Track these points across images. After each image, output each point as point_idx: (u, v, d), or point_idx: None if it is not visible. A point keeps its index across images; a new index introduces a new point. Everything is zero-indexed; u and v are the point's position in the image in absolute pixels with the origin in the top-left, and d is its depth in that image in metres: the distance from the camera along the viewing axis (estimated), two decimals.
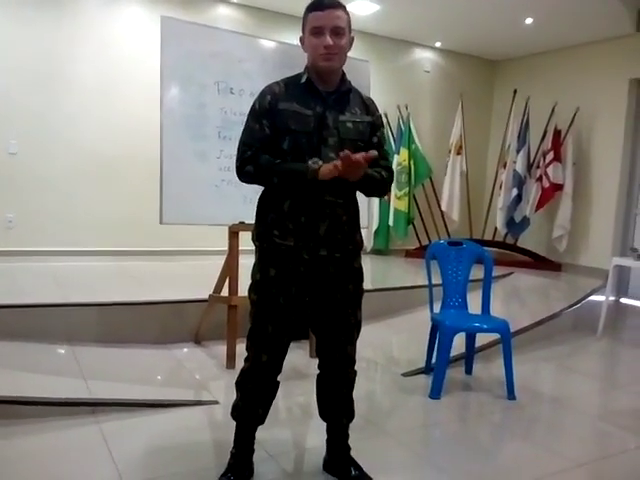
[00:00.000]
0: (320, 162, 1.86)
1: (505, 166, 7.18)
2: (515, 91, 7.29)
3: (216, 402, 2.82)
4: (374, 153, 1.83)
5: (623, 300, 6.34)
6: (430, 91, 7.80)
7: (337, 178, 1.84)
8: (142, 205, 5.28)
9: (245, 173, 1.96)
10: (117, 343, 3.52)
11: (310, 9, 1.92)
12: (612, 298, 4.90)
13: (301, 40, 2.00)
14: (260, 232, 2.00)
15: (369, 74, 4.06)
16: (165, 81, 3.33)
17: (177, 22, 3.47)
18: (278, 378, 2.07)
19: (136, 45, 5.81)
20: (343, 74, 2.01)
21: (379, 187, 2.05)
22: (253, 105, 1.99)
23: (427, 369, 3.45)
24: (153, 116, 3.52)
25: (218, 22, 5.82)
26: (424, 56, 7.75)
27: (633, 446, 2.75)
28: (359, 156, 1.80)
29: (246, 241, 2.39)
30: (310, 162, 1.86)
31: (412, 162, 7.12)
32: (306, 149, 1.90)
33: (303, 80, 1.97)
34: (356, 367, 2.14)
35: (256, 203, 2.05)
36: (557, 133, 6.88)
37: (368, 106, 2.06)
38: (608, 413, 3.22)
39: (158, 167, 3.36)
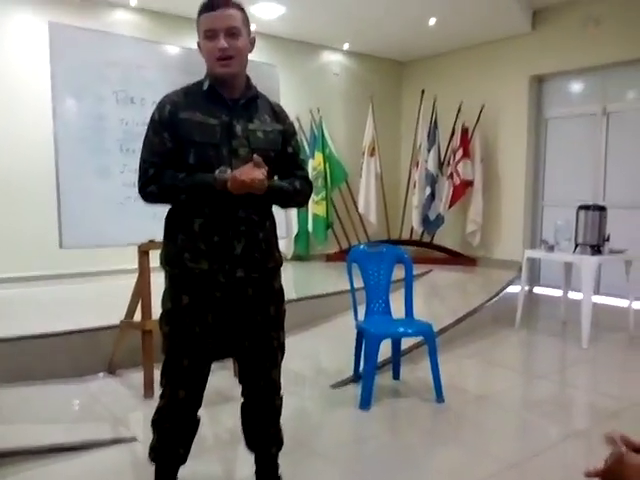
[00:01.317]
0: (228, 170, 1.70)
1: (417, 165, 7.30)
2: (423, 91, 7.42)
3: (134, 439, 2.60)
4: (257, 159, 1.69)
5: (536, 289, 6.60)
6: (340, 94, 7.80)
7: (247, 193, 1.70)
8: (44, 224, 4.85)
9: (149, 194, 1.78)
10: (24, 380, 3.20)
11: (202, 10, 1.76)
12: (526, 288, 5.06)
13: (198, 45, 1.82)
14: (169, 256, 1.82)
15: (278, 79, 3.93)
16: (57, 92, 3.06)
17: (67, 28, 3.19)
18: (199, 412, 1.91)
19: (28, 53, 5.38)
20: (248, 79, 1.86)
21: (293, 198, 1.92)
22: (152, 117, 1.81)
23: (356, 377, 3.38)
24: (46, 130, 3.24)
25: (116, 28, 5.50)
26: (333, 59, 7.74)
27: (555, 436, 2.83)
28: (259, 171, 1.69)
29: (156, 259, 2.21)
30: (217, 172, 1.70)
31: (327, 166, 7.08)
32: (215, 162, 1.73)
33: (205, 87, 1.80)
34: (282, 385, 2.01)
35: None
36: (465, 131, 7.06)
37: (278, 113, 1.92)
38: (531, 404, 3.30)
39: (54, 185, 3.08)
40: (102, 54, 3.21)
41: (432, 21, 6.56)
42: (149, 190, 1.77)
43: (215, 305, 1.80)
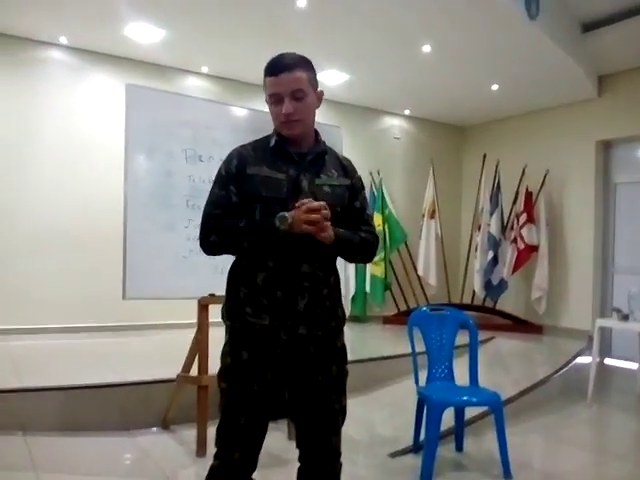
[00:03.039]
0: (286, 214, 1.65)
1: (479, 229, 7.16)
2: (485, 155, 7.38)
3: None
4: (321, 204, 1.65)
5: (607, 361, 6.20)
6: (401, 157, 7.86)
7: (312, 244, 1.67)
8: (104, 278, 5.02)
9: (211, 244, 1.76)
10: (76, 431, 3.22)
11: (266, 73, 1.75)
12: (597, 359, 4.75)
13: (267, 102, 1.81)
14: (231, 309, 1.78)
15: (341, 139, 3.98)
16: (130, 149, 3.19)
17: (142, 89, 3.37)
18: (254, 475, 1.81)
19: (101, 114, 5.71)
20: (317, 134, 1.85)
21: (360, 250, 1.85)
22: (219, 171, 1.81)
23: (415, 447, 3.20)
24: (117, 185, 3.37)
25: (187, 92, 5.78)
26: (394, 123, 7.85)
27: None
28: (319, 203, 1.64)
29: (217, 313, 2.19)
30: (277, 219, 1.65)
31: (386, 227, 7.06)
32: None
33: (272, 143, 1.80)
34: (342, 461, 1.88)
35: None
36: (529, 195, 6.93)
37: (346, 167, 1.89)
38: None
39: (120, 241, 3.18)
40: (174, 114, 3.34)
41: (495, 87, 6.58)
42: (211, 240, 1.75)
43: (275, 362, 1.74)
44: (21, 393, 3.25)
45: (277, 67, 1.72)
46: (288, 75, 1.71)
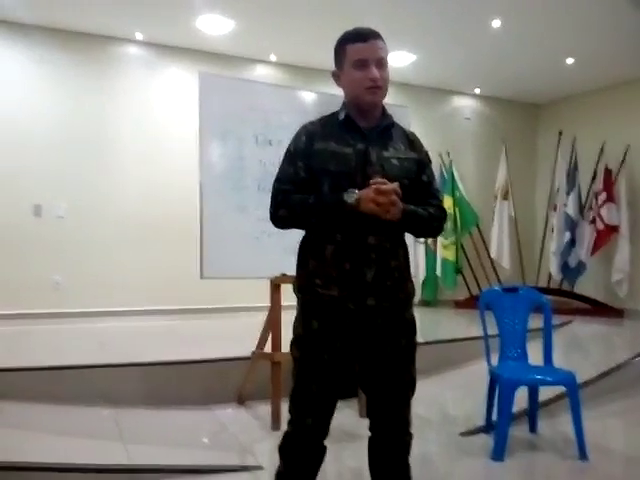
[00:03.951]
0: (357, 192, 1.70)
1: (555, 209, 6.93)
2: (560, 132, 7.12)
3: (260, 467, 2.64)
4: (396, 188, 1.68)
5: None
6: (472, 138, 7.70)
7: (379, 217, 1.69)
8: (181, 262, 5.27)
9: (279, 218, 1.84)
10: (158, 405, 3.40)
11: (350, 40, 1.80)
12: None
13: (335, 75, 1.87)
14: (301, 282, 1.85)
15: (409, 120, 3.96)
16: (204, 135, 3.32)
17: (215, 77, 3.51)
18: (325, 442, 1.88)
19: (176, 105, 5.95)
20: (384, 108, 1.88)
21: (427, 225, 1.87)
22: (288, 148, 1.88)
23: (487, 427, 3.17)
24: (191, 172, 3.52)
25: (257, 79, 5.91)
26: (464, 103, 7.70)
27: None
28: (392, 185, 1.67)
29: (289, 296, 2.27)
30: (345, 194, 1.71)
31: (457, 210, 6.95)
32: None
33: (341, 117, 1.84)
34: (413, 431, 1.92)
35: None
36: (608, 173, 6.63)
37: (413, 142, 1.91)
38: None
39: (196, 225, 3.32)
40: (244, 100, 3.45)
41: (570, 61, 6.31)
42: (280, 214, 1.83)
43: (344, 332, 1.79)
44: (107, 368, 3.47)
45: (365, 34, 1.79)
46: (376, 42, 1.78)
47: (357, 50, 1.78)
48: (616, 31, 5.40)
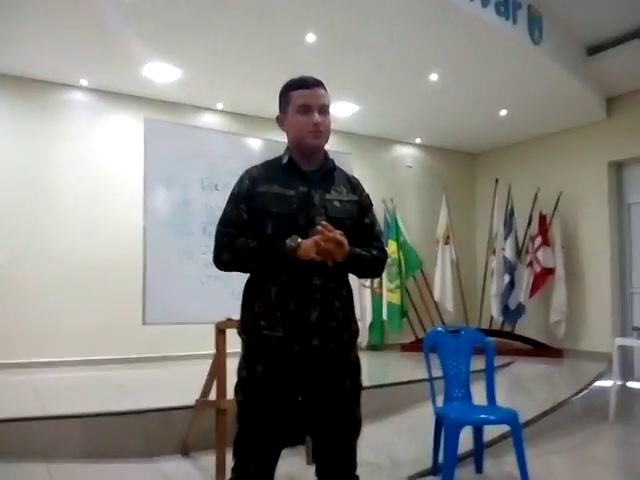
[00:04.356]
0: (299, 239, 1.75)
1: (495, 253, 7.18)
2: (497, 180, 7.44)
3: None
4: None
5: (630, 384, 6.09)
6: (413, 185, 7.95)
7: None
8: (124, 310, 5.08)
9: (222, 261, 1.86)
10: (99, 458, 3.24)
11: (295, 87, 1.88)
12: (619, 382, 4.69)
13: (279, 119, 1.94)
14: (246, 323, 1.85)
15: (352, 167, 4.07)
16: (148, 181, 3.32)
17: (160, 123, 3.53)
18: None
19: (121, 151, 5.92)
20: (326, 153, 1.94)
21: (371, 267, 1.93)
22: (232, 191, 1.92)
23: (434, 469, 3.18)
24: (135, 218, 3.49)
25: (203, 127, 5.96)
26: (405, 152, 7.97)
27: None
28: (335, 233, 1.71)
29: (234, 342, 2.25)
30: (288, 240, 1.75)
31: (401, 254, 7.10)
32: (292, 231, 1.78)
33: (285, 161, 1.90)
34: (358, 472, 1.92)
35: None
36: (542, 218, 6.95)
37: (354, 185, 1.98)
38: None
39: (139, 270, 3.28)
40: (190, 146, 3.48)
41: (503, 112, 6.67)
42: (223, 258, 1.85)
43: (290, 374, 1.79)
44: (43, 421, 3.30)
45: (310, 81, 1.88)
46: (319, 90, 1.87)
47: (301, 96, 1.85)
48: (543, 84, 5.76)
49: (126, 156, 5.82)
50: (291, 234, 1.78)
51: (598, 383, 5.19)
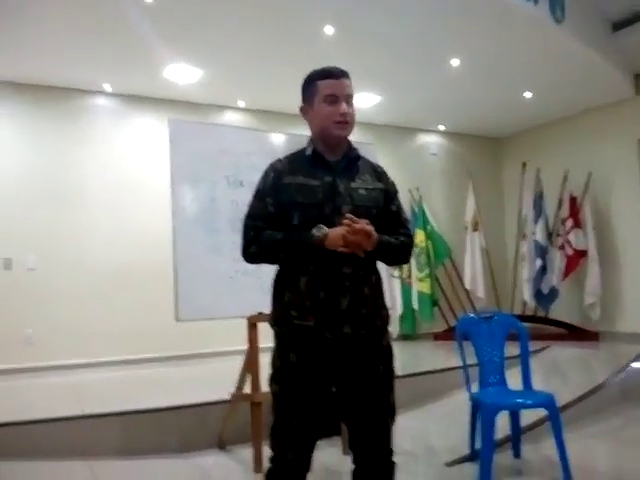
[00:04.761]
0: (325, 229, 1.76)
1: (525, 237, 7.08)
2: (524, 164, 7.33)
3: None
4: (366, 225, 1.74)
5: None
6: (439, 172, 7.88)
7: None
8: (156, 310, 5.17)
9: (250, 254, 1.88)
10: (137, 455, 3.31)
11: (321, 77, 1.87)
12: None
13: (304, 110, 1.94)
14: (277, 315, 1.87)
15: (376, 157, 4.05)
16: (175, 180, 3.36)
17: (184, 123, 3.57)
18: (308, 478, 1.86)
19: (146, 153, 6.00)
20: (349, 142, 1.94)
21: (399, 254, 1.93)
22: (257, 185, 1.94)
23: (472, 455, 3.17)
24: (162, 219, 3.55)
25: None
26: (429, 140, 7.90)
27: None
28: (363, 223, 1.72)
29: (266, 337, 2.27)
30: (314, 230, 1.76)
31: (430, 243, 7.05)
32: (318, 221, 1.78)
33: (309, 152, 1.90)
34: (395, 459, 1.92)
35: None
36: (573, 200, 6.82)
37: (380, 173, 1.98)
38: None
39: (169, 270, 3.33)
40: (215, 144, 3.51)
41: (528, 95, 6.56)
42: (251, 251, 1.87)
43: (323, 363, 1.80)
44: (82, 420, 3.39)
45: (337, 72, 1.88)
46: (346, 80, 1.88)
47: (328, 86, 1.85)
48: (568, 64, 5.64)
49: (151, 158, 5.90)
50: (318, 224, 1.78)
51: (635, 365, 5.09)
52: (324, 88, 1.86)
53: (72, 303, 5.51)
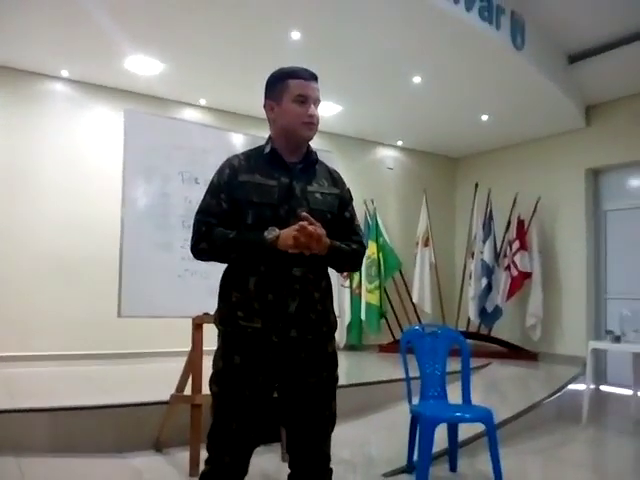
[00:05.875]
0: (277, 231, 1.73)
1: (473, 256, 7.23)
2: (476, 184, 7.50)
3: None
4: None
5: (602, 387, 6.19)
6: (394, 187, 7.98)
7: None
8: (101, 304, 5.01)
9: (199, 250, 1.83)
10: (69, 453, 3.19)
11: (293, 76, 1.85)
12: (592, 386, 4.76)
13: (269, 106, 1.90)
14: (223, 314, 1.83)
15: (333, 165, 4.07)
16: (128, 172, 3.28)
17: (141, 115, 3.49)
18: None
19: (101, 143, 5.83)
20: (309, 146, 1.93)
21: (350, 260, 1.92)
22: (212, 180, 1.89)
23: (409, 467, 3.19)
24: (115, 210, 3.44)
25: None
26: (387, 154, 8.00)
27: None
28: (316, 227, 1.70)
29: (210, 339, 2.22)
30: (266, 232, 1.73)
31: (381, 255, 7.12)
32: (272, 222, 1.76)
33: (267, 150, 1.88)
34: (333, 467, 1.90)
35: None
36: (521, 223, 7.02)
37: (336, 179, 1.97)
38: None
39: (116, 262, 3.24)
40: (171, 138, 3.45)
41: (485, 117, 6.73)
42: (201, 247, 1.82)
43: (267, 366, 1.77)
44: (13, 414, 3.24)
45: (308, 74, 1.87)
46: (316, 84, 1.88)
47: (299, 86, 1.84)
48: (524, 91, 5.82)
49: (106, 148, 5.75)
50: (272, 224, 1.76)
51: (572, 386, 5.26)
52: (295, 88, 1.84)
53: (11, 291, 5.28)
